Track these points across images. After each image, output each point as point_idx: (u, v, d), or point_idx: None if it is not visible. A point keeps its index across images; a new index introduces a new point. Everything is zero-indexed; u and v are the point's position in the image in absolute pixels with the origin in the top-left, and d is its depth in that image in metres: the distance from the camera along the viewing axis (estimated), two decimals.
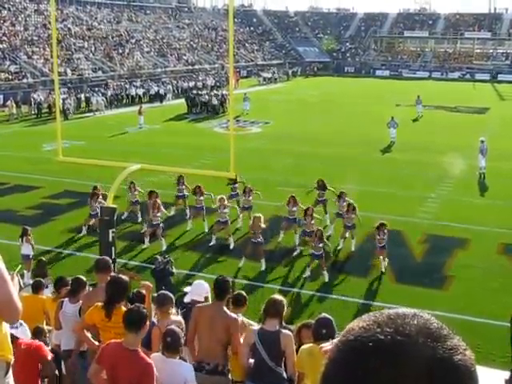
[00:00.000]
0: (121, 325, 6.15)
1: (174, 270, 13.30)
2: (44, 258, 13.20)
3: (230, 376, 7.00)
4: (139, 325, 5.67)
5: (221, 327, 6.81)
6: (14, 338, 5.95)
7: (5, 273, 3.35)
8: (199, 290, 8.16)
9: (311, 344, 6.26)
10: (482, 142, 26.66)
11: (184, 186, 19.92)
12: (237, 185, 20.05)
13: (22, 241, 15.25)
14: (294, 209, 18.00)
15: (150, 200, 18.23)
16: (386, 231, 16.00)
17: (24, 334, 6.12)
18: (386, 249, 16.08)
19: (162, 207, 17.89)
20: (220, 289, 7.01)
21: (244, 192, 19.32)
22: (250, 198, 19.17)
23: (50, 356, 6.62)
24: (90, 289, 8.19)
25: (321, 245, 15.50)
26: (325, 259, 15.71)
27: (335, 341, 1.19)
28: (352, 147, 31.82)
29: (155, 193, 18.58)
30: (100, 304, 6.70)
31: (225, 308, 7.00)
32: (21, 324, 6.14)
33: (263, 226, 16.11)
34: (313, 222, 17.03)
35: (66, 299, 8.12)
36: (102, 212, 15.72)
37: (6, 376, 3.67)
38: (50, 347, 8.15)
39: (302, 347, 6.41)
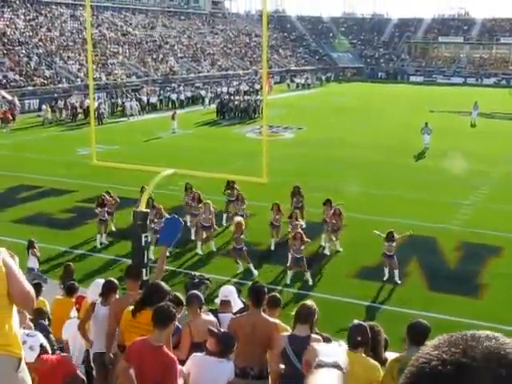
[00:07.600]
0: (145, 326, 6.25)
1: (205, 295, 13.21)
2: (72, 264, 13.13)
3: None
4: (166, 322, 5.80)
5: (263, 333, 6.88)
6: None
7: (18, 271, 3.90)
8: (226, 292, 8.53)
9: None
10: None
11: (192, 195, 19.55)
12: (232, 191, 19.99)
13: (28, 253, 14.47)
14: (277, 217, 18.16)
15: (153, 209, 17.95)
16: (394, 239, 15.72)
17: (37, 343, 6.26)
18: (395, 259, 15.67)
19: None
20: (257, 296, 7.08)
21: (237, 199, 19.37)
22: (243, 206, 19.16)
23: (77, 369, 6.71)
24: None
25: (302, 247, 15.58)
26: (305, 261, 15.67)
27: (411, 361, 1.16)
28: (385, 153, 31.63)
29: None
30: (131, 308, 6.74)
31: (264, 314, 7.09)
32: (33, 335, 6.30)
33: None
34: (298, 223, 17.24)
35: (99, 302, 8.09)
36: (135, 216, 15.82)
37: (19, 370, 3.86)
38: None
39: None
